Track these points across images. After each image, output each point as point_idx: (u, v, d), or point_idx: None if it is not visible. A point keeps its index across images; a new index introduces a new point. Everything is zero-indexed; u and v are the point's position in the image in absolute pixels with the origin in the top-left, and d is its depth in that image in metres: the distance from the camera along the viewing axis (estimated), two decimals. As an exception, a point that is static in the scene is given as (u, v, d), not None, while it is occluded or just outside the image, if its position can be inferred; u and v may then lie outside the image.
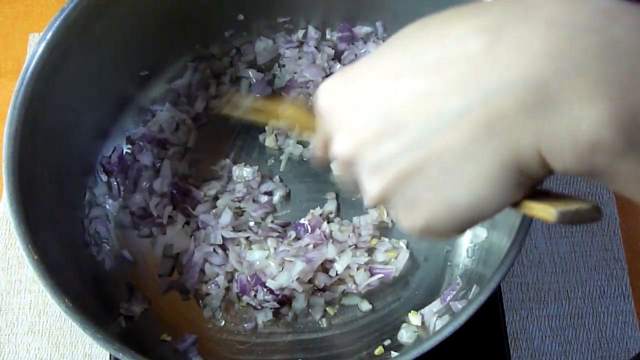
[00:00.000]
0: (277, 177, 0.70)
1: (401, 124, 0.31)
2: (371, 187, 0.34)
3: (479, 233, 0.64)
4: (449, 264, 0.66)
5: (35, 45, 0.57)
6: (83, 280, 0.61)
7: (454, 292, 0.61)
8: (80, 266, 0.62)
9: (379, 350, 0.62)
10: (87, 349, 0.69)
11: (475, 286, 0.59)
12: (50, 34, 0.57)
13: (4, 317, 0.71)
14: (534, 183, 0.32)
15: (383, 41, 0.72)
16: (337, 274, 0.64)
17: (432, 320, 0.61)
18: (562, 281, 0.71)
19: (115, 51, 0.65)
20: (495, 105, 0.28)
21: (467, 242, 0.66)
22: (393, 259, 0.65)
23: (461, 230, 0.34)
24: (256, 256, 0.65)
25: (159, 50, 0.71)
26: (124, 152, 0.70)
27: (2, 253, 0.73)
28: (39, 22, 0.85)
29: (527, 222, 0.50)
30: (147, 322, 0.64)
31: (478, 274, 0.61)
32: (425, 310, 0.62)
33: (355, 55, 0.73)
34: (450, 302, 0.60)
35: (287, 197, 0.70)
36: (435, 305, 0.62)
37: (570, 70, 0.27)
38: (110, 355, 0.65)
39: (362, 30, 0.73)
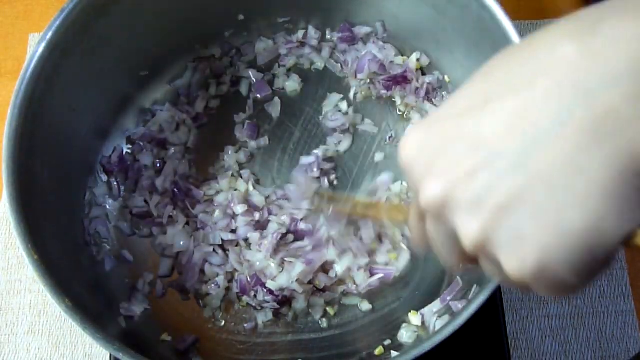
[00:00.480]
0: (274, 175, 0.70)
1: (495, 151, 0.27)
2: (469, 228, 0.28)
3: None
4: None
5: (35, 45, 0.57)
6: (83, 280, 0.61)
7: (454, 292, 0.61)
8: (80, 266, 0.62)
9: (379, 350, 0.62)
10: (87, 349, 0.69)
11: (475, 286, 0.59)
12: (50, 34, 0.57)
13: (4, 317, 0.71)
14: None
15: (383, 41, 0.72)
16: (337, 275, 0.64)
17: (432, 320, 0.61)
18: (562, 281, 0.71)
19: (115, 51, 0.65)
20: (600, 103, 0.25)
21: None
22: (393, 259, 0.65)
23: (583, 266, 0.27)
24: (256, 257, 0.65)
25: (159, 50, 0.71)
26: (124, 152, 0.70)
27: (2, 253, 0.73)
28: (39, 22, 0.85)
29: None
30: (147, 322, 0.64)
31: (478, 273, 0.61)
32: (425, 310, 0.62)
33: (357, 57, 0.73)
34: (450, 302, 0.60)
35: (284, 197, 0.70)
36: (435, 305, 0.62)
37: None
38: (110, 355, 0.65)
39: (362, 30, 0.73)
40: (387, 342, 0.62)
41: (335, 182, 0.70)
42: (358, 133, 0.72)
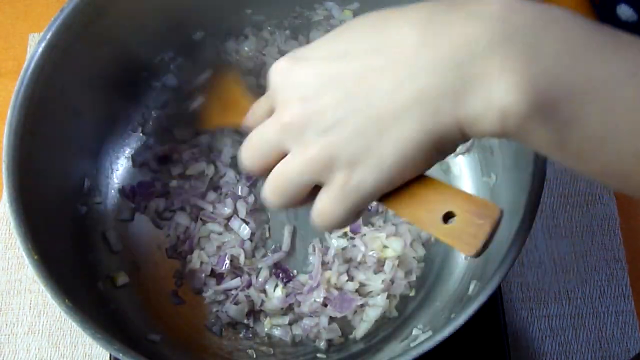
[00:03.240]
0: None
1: (347, 94, 0.36)
2: (317, 145, 0.37)
3: None
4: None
5: (35, 45, 0.57)
6: (83, 280, 0.61)
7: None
8: (80, 266, 0.62)
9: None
10: (87, 349, 0.69)
11: (475, 282, 0.59)
12: (50, 34, 0.57)
13: (4, 317, 0.71)
14: (450, 148, 0.37)
15: None
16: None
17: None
18: (562, 281, 0.71)
19: (116, 51, 0.65)
20: (423, 81, 0.34)
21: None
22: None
23: (383, 190, 0.38)
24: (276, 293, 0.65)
25: (159, 50, 0.71)
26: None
27: (2, 253, 0.73)
28: (39, 22, 0.84)
29: (528, 223, 0.50)
30: (147, 321, 0.64)
31: (479, 269, 0.61)
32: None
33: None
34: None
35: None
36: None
37: (482, 52, 0.33)
38: (110, 355, 0.65)
39: None
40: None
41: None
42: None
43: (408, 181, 0.38)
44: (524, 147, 0.53)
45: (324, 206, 0.39)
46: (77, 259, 0.62)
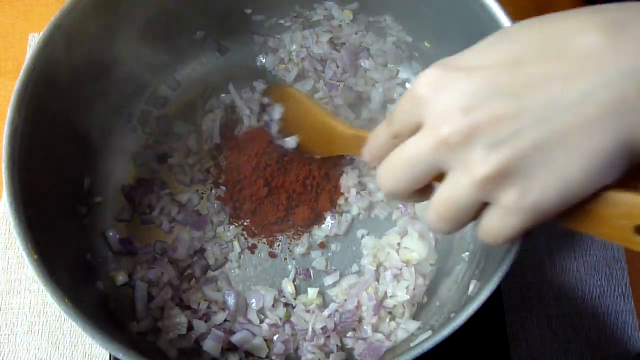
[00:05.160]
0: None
1: (524, 106, 0.33)
2: (489, 161, 0.33)
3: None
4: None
5: (35, 45, 0.57)
6: (83, 280, 0.61)
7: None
8: (80, 266, 0.62)
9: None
10: (87, 349, 0.69)
11: (475, 282, 0.59)
12: (50, 34, 0.57)
13: (4, 317, 0.71)
14: (634, 164, 0.34)
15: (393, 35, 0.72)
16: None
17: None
18: (562, 281, 0.71)
19: (116, 51, 0.65)
20: (617, 90, 0.31)
21: (466, 242, 0.66)
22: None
23: (564, 207, 0.34)
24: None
25: (159, 50, 0.71)
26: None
27: (2, 253, 0.73)
28: (39, 22, 0.85)
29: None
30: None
31: (479, 269, 0.61)
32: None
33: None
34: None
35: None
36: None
37: None
38: (110, 355, 0.65)
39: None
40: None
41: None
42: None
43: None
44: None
45: (494, 225, 0.35)
46: (77, 259, 0.62)
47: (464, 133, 0.34)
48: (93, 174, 0.69)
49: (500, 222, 0.35)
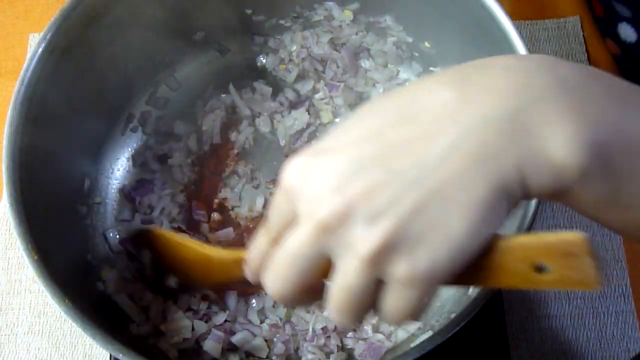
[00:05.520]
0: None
1: (392, 171, 0.32)
2: (372, 236, 0.31)
3: None
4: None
5: (35, 45, 0.57)
6: (83, 280, 0.61)
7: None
8: (80, 266, 0.62)
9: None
10: (87, 349, 0.69)
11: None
12: (50, 34, 0.57)
13: (4, 317, 0.71)
14: (513, 208, 0.33)
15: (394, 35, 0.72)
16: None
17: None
18: (562, 281, 0.71)
19: (116, 51, 0.65)
20: (478, 138, 0.32)
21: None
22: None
23: (459, 267, 0.32)
24: None
25: (159, 50, 0.71)
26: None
27: (2, 253, 0.73)
28: (39, 22, 0.84)
29: (528, 224, 0.50)
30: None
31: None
32: None
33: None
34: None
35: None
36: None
37: (534, 100, 0.31)
38: (110, 355, 0.65)
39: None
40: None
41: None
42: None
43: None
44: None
45: (393, 304, 0.34)
46: (77, 259, 0.62)
47: (340, 212, 0.32)
48: (93, 174, 0.69)
49: (399, 298, 0.33)
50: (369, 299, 0.34)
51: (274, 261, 0.35)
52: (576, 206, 0.34)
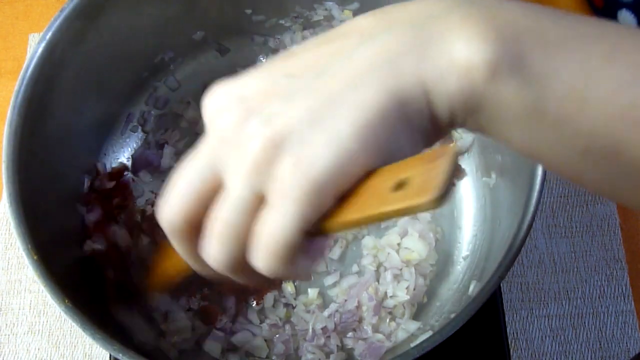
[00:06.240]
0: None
1: (293, 80, 0.32)
2: (259, 135, 0.30)
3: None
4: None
5: (35, 45, 0.57)
6: (83, 280, 0.61)
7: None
8: (80, 266, 0.62)
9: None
10: (87, 349, 0.69)
11: (475, 282, 0.59)
12: (50, 34, 0.57)
13: (4, 317, 0.71)
14: (412, 123, 0.31)
15: None
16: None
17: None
18: (562, 281, 0.71)
19: (116, 51, 0.65)
20: (379, 43, 0.31)
21: (466, 242, 0.66)
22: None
23: (341, 176, 0.30)
24: None
25: (159, 50, 0.71)
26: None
27: (2, 253, 0.73)
28: (39, 22, 0.84)
29: (528, 223, 0.50)
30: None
31: (479, 269, 0.62)
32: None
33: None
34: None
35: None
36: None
37: (441, 12, 0.31)
38: (110, 355, 0.65)
39: None
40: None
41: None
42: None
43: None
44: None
45: (271, 228, 0.30)
46: (77, 259, 0.62)
47: (238, 118, 0.31)
48: (93, 174, 0.69)
49: (277, 215, 0.30)
50: (248, 220, 0.31)
51: (171, 187, 0.34)
52: (503, 133, 0.31)
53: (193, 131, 0.72)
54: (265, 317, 0.65)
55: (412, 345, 0.58)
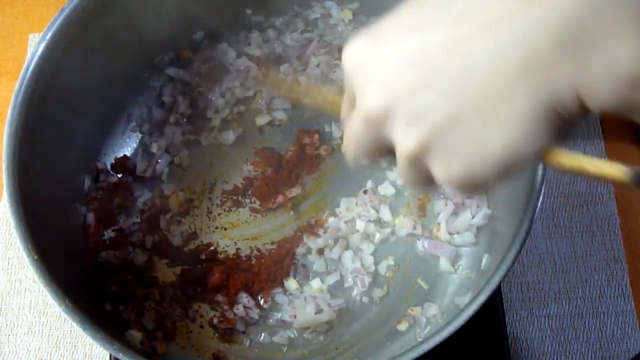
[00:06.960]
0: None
1: (436, 73, 0.31)
2: (409, 139, 0.32)
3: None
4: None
5: (35, 45, 0.57)
6: (83, 280, 0.61)
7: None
8: (80, 266, 0.62)
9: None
10: (87, 349, 0.69)
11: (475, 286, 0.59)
12: (50, 34, 0.57)
13: (4, 317, 0.71)
14: (566, 126, 0.31)
15: None
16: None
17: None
18: (562, 281, 0.71)
19: (116, 51, 0.65)
20: (530, 46, 0.29)
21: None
22: None
23: (497, 175, 0.32)
24: None
25: (158, 50, 0.71)
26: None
27: (2, 253, 0.73)
28: (39, 22, 0.85)
29: (528, 223, 0.50)
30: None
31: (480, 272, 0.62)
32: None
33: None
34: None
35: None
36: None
37: (604, 7, 0.28)
38: (110, 355, 0.65)
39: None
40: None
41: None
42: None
43: None
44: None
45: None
46: (77, 258, 0.62)
47: (382, 109, 0.33)
48: (93, 174, 0.69)
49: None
50: (425, 175, 0.35)
51: (345, 134, 0.38)
52: None
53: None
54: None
55: (412, 345, 0.58)
